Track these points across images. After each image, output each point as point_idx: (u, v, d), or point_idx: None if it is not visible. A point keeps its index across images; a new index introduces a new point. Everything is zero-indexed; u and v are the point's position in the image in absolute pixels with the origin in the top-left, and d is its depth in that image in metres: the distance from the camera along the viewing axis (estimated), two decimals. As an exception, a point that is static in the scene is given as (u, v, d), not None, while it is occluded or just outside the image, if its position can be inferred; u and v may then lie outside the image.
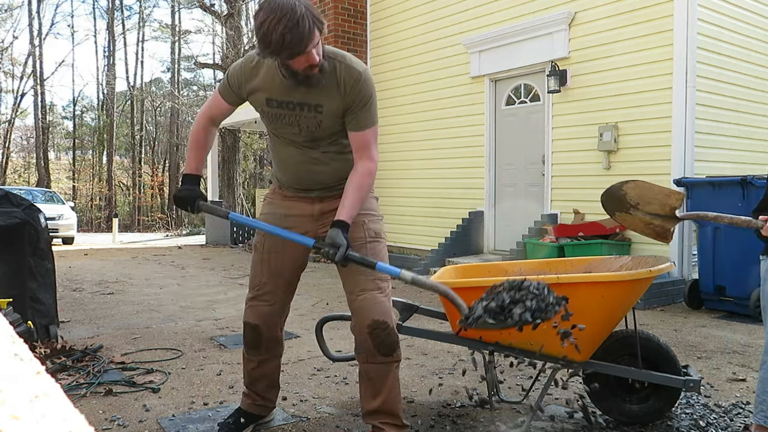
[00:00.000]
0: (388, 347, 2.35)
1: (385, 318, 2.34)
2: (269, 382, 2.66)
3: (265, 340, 2.56)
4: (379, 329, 2.33)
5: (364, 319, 2.34)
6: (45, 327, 4.07)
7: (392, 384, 2.41)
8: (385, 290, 2.38)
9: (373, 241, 2.41)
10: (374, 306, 2.33)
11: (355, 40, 9.94)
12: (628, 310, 2.63)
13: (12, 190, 8.26)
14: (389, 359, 2.38)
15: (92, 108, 35.33)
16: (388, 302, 2.39)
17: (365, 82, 2.25)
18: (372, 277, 2.35)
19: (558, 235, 6.57)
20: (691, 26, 6.17)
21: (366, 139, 2.30)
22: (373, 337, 2.34)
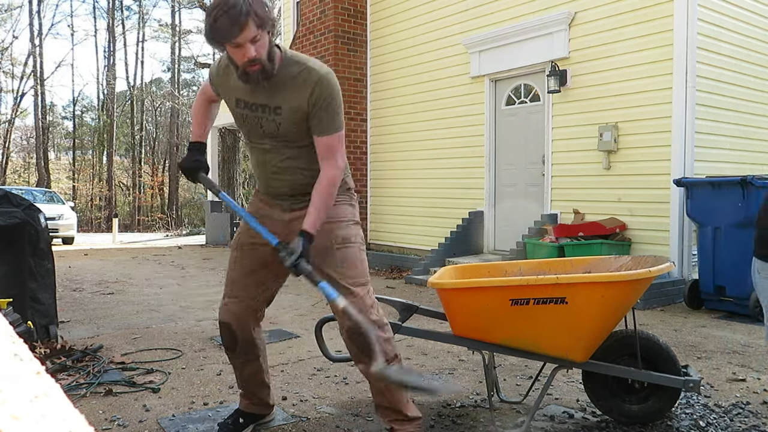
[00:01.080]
0: (368, 348, 2.32)
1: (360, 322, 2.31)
2: (257, 382, 2.66)
3: (239, 340, 2.54)
4: (356, 335, 2.33)
5: (342, 326, 2.38)
6: (45, 327, 4.07)
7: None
8: (356, 294, 2.36)
9: (341, 247, 2.40)
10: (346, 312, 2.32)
11: (355, 40, 9.94)
12: (628, 310, 2.63)
13: (12, 190, 8.26)
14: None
15: (92, 108, 35.35)
16: (362, 306, 2.35)
17: (327, 84, 2.25)
18: (342, 283, 2.35)
19: (558, 235, 6.57)
20: (691, 26, 6.17)
21: (330, 145, 2.28)
22: (353, 341, 2.36)
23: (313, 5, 10.11)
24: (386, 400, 2.46)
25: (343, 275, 2.37)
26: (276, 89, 2.26)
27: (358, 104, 9.92)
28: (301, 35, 10.49)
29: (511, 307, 2.53)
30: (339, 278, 2.36)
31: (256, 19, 2.06)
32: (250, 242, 2.49)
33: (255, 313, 2.57)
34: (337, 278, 2.35)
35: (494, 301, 2.56)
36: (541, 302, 2.49)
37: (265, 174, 2.45)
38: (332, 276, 2.36)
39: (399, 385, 2.19)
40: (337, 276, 2.36)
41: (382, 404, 2.48)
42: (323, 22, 9.90)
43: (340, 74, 9.79)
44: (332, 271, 2.38)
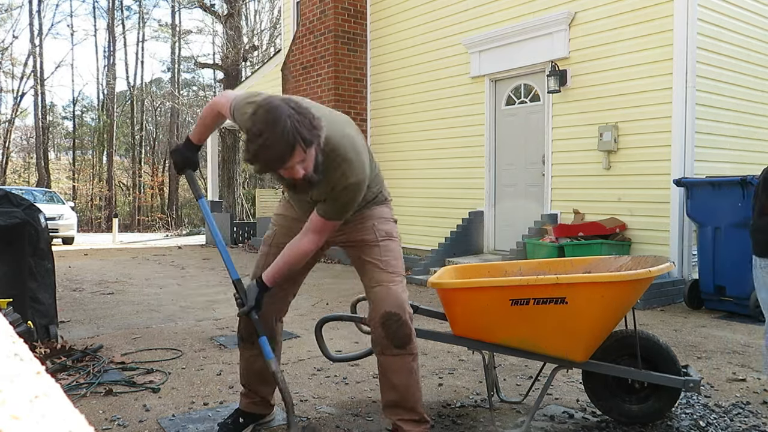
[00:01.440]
0: (401, 339, 2.37)
1: (398, 310, 2.36)
2: (262, 379, 2.66)
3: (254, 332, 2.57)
4: (391, 320, 2.35)
5: (378, 311, 2.37)
6: (45, 327, 4.07)
7: (409, 378, 2.41)
8: (398, 283, 2.43)
9: (384, 239, 2.48)
10: (387, 297, 2.37)
11: (355, 40, 9.94)
12: (628, 310, 2.63)
13: (12, 190, 8.26)
14: (403, 352, 2.39)
15: (92, 108, 35.34)
16: (403, 294, 2.42)
17: (350, 190, 2.22)
18: (386, 270, 2.41)
19: (558, 235, 6.57)
20: (691, 26, 6.17)
21: (321, 227, 2.31)
22: (385, 328, 2.35)
23: (313, 5, 10.11)
24: (401, 397, 2.41)
25: (387, 264, 2.43)
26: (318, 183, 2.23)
27: (358, 104, 9.92)
28: (301, 35, 10.49)
29: (511, 307, 2.53)
30: (383, 266, 2.42)
31: (303, 143, 1.99)
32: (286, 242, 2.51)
33: (281, 307, 2.62)
34: (380, 266, 2.42)
35: (494, 301, 2.56)
36: (541, 302, 2.49)
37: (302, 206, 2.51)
38: (376, 264, 2.42)
39: None
40: (381, 264, 2.43)
41: (395, 401, 2.43)
42: (323, 22, 9.90)
43: (340, 74, 9.80)
44: (376, 259, 2.43)
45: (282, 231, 2.59)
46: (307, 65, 10.32)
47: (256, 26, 28.87)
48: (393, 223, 2.58)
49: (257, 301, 2.36)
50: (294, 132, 1.96)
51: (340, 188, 2.21)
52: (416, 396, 2.45)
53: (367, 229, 2.45)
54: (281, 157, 1.98)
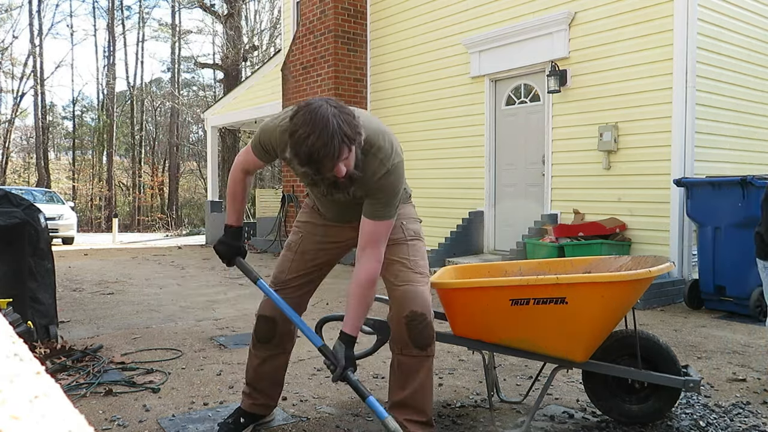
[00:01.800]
0: (423, 340, 2.37)
1: (424, 310, 2.36)
2: (274, 380, 2.66)
3: (278, 333, 2.58)
4: (416, 321, 2.34)
5: (403, 310, 2.36)
6: (45, 327, 4.07)
7: (424, 378, 2.41)
8: (425, 284, 2.44)
9: (412, 239, 2.49)
10: (415, 297, 2.36)
11: (355, 40, 9.94)
12: (628, 310, 2.63)
13: (12, 190, 8.26)
14: (423, 353, 2.39)
15: (92, 108, 35.33)
16: (428, 295, 2.42)
17: (391, 176, 2.21)
18: (413, 269, 2.42)
19: (558, 235, 6.57)
20: (691, 26, 6.17)
21: (376, 232, 2.24)
22: (410, 328, 2.35)
23: (313, 5, 10.11)
24: (413, 397, 2.40)
25: (415, 264, 2.44)
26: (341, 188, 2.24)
27: (358, 104, 9.92)
28: (301, 35, 10.49)
29: (511, 307, 2.53)
30: (410, 265, 2.42)
31: (347, 143, 1.99)
32: (314, 249, 2.55)
33: (300, 308, 2.62)
34: (408, 265, 2.42)
35: (494, 301, 2.56)
36: (541, 302, 2.49)
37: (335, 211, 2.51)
38: (404, 263, 2.42)
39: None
40: (410, 264, 2.43)
41: (405, 400, 2.42)
42: (323, 22, 9.90)
43: (340, 74, 9.80)
44: (404, 258, 2.43)
45: (308, 238, 2.59)
46: (307, 65, 10.32)
47: (256, 26, 28.88)
48: (419, 223, 2.59)
49: (348, 359, 2.26)
50: (339, 131, 1.96)
51: (380, 177, 2.19)
52: (428, 398, 2.45)
53: (396, 227, 2.43)
54: (332, 157, 1.96)
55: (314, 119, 1.95)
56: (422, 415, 2.42)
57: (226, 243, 2.52)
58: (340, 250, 2.61)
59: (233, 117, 13.93)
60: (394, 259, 2.43)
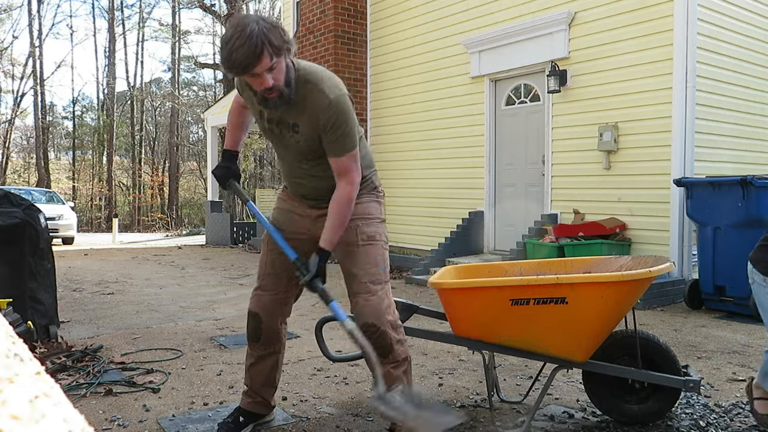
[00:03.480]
0: (381, 349, 2.37)
1: (374, 320, 2.36)
2: (266, 381, 2.67)
3: (264, 330, 2.59)
4: (369, 332, 2.35)
5: (358, 322, 2.38)
6: (45, 327, 4.07)
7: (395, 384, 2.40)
8: (375, 292, 2.41)
9: (365, 244, 2.46)
10: (363, 309, 2.39)
11: (355, 40, 9.94)
12: (628, 310, 2.63)
13: (12, 190, 8.26)
14: (386, 361, 2.39)
15: (92, 108, 35.34)
16: (380, 304, 2.39)
17: (335, 108, 2.24)
18: (363, 280, 2.41)
19: (558, 235, 6.57)
20: (691, 26, 6.17)
21: (343, 165, 2.31)
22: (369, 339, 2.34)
23: (313, 5, 10.11)
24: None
25: (365, 273, 2.42)
26: (292, 107, 2.28)
27: (358, 104, 9.92)
28: (301, 35, 10.49)
29: (512, 307, 2.53)
30: (361, 276, 2.41)
31: (271, 49, 2.04)
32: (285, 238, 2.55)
33: (283, 306, 2.62)
34: (359, 277, 2.41)
35: (494, 301, 2.56)
36: (541, 302, 2.49)
37: (290, 179, 2.55)
38: (354, 274, 2.42)
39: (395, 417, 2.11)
40: (360, 274, 2.41)
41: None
42: (323, 22, 9.90)
43: (340, 74, 9.79)
44: (354, 269, 2.43)
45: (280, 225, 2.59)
46: (307, 65, 10.31)
47: (256, 26, 28.82)
48: (379, 223, 2.54)
49: (320, 268, 2.31)
50: (261, 36, 2.01)
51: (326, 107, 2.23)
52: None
53: (350, 229, 2.42)
54: (249, 57, 2.01)
55: (238, 23, 2.04)
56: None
57: (222, 166, 2.59)
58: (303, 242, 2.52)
59: (233, 117, 13.90)
60: (347, 269, 2.46)
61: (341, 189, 2.32)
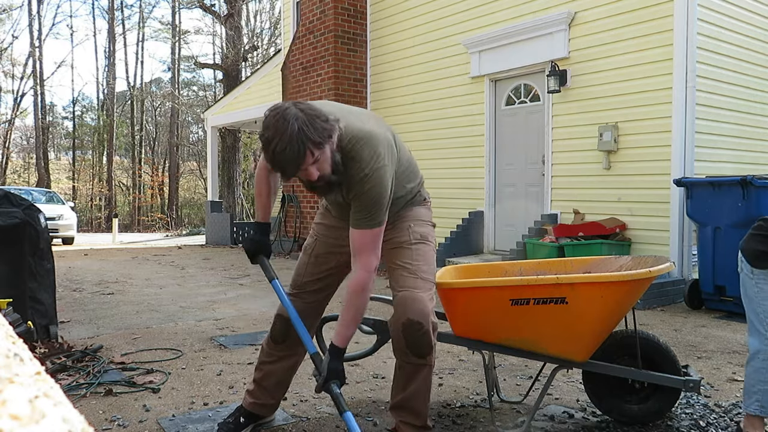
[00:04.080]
0: (420, 348, 2.31)
1: (421, 318, 2.29)
2: (281, 380, 2.66)
3: (292, 334, 2.56)
4: (412, 329, 2.29)
5: (401, 316, 2.32)
6: (45, 327, 4.07)
7: (420, 383, 2.39)
8: (425, 290, 2.36)
9: (418, 242, 2.43)
10: (411, 304, 2.31)
11: (355, 40, 9.94)
12: (628, 310, 2.63)
13: (12, 190, 8.26)
14: (422, 362, 2.35)
15: (92, 108, 35.33)
16: (429, 302, 2.35)
17: (369, 182, 2.16)
18: (414, 274, 2.36)
19: (558, 235, 6.57)
20: (691, 26, 6.17)
21: (361, 242, 2.21)
22: (406, 336, 2.31)
23: (313, 5, 10.11)
24: (409, 401, 2.40)
25: (417, 269, 2.37)
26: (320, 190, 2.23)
27: (358, 104, 9.91)
28: (301, 35, 10.49)
29: (512, 307, 2.53)
30: (412, 270, 2.36)
31: (312, 146, 1.98)
32: (327, 251, 2.55)
33: (317, 314, 2.63)
34: (410, 270, 2.36)
35: (494, 301, 2.56)
36: (541, 302, 2.49)
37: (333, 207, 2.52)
38: (405, 267, 2.37)
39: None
40: (411, 268, 2.37)
41: (403, 403, 2.42)
42: (323, 22, 9.90)
43: (340, 74, 9.80)
44: (406, 263, 2.38)
45: (322, 240, 2.59)
46: (307, 65, 10.32)
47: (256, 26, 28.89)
48: (430, 226, 2.53)
49: (330, 371, 2.25)
50: (301, 136, 1.95)
51: (358, 182, 2.17)
52: (424, 403, 2.43)
53: (402, 229, 2.42)
54: (294, 161, 1.98)
55: (277, 123, 1.97)
56: (418, 420, 2.42)
57: (252, 239, 2.54)
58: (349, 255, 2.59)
59: (233, 117, 13.93)
60: (396, 263, 2.40)
61: (356, 276, 2.23)
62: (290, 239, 10.83)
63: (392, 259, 2.42)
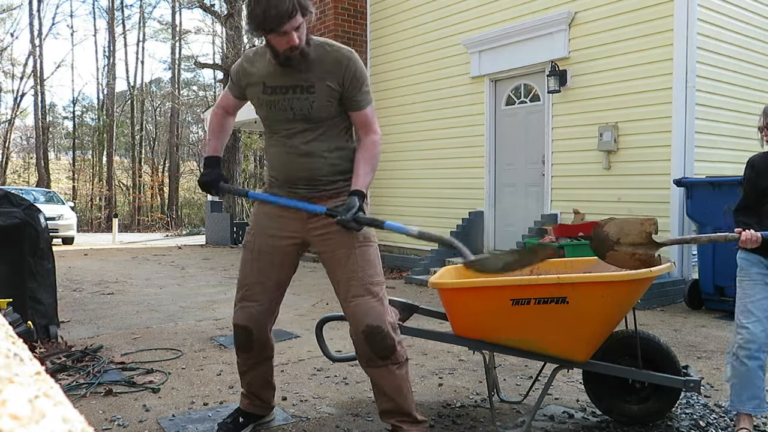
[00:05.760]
0: (384, 350, 2.37)
1: (379, 323, 2.34)
2: (263, 383, 2.66)
3: (256, 342, 2.55)
4: (373, 334, 2.34)
5: (359, 325, 2.36)
6: (45, 327, 4.07)
7: (399, 385, 2.42)
8: (377, 294, 2.38)
9: (362, 245, 2.41)
10: (367, 311, 2.35)
11: (355, 40, 9.93)
12: (629, 310, 2.63)
13: (12, 190, 8.26)
14: (388, 362, 2.39)
15: (92, 108, 35.34)
16: (382, 306, 2.38)
17: (356, 62, 2.37)
18: (362, 283, 2.37)
19: (558, 235, 6.57)
20: (691, 26, 6.17)
21: (367, 117, 2.42)
22: (369, 342, 2.35)
23: (313, 5, 10.10)
24: (394, 404, 2.43)
25: (364, 275, 2.38)
26: (309, 69, 2.33)
27: (358, 104, 9.91)
28: (301, 35, 10.49)
29: (512, 307, 2.53)
30: (360, 278, 2.37)
31: (301, 9, 2.16)
32: (269, 244, 2.49)
33: (272, 315, 2.60)
34: (358, 278, 2.37)
35: (495, 301, 2.56)
36: (542, 302, 2.49)
37: (286, 161, 2.44)
38: (353, 277, 2.37)
39: None
40: (359, 276, 2.37)
41: (388, 408, 2.45)
42: (323, 22, 9.90)
43: (340, 74, 9.78)
44: (352, 272, 2.38)
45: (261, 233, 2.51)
46: (307, 65, 10.32)
47: (256, 26, 28.81)
48: None
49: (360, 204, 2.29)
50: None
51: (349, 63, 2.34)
52: (408, 401, 2.45)
53: (343, 233, 2.37)
54: (285, 14, 2.11)
55: None
56: (410, 417, 2.45)
57: (207, 174, 2.56)
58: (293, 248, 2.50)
59: (233, 117, 13.90)
60: (343, 276, 2.39)
61: (368, 139, 2.41)
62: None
63: (338, 272, 2.41)
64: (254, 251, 2.52)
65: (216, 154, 2.60)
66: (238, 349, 2.61)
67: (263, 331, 2.56)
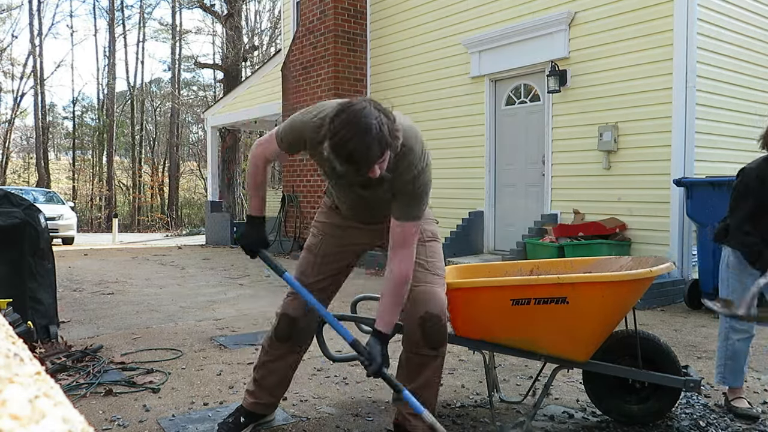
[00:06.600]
0: (436, 341, 2.39)
1: (439, 312, 2.38)
2: (282, 378, 2.66)
3: (296, 333, 2.58)
4: (431, 322, 2.36)
5: (419, 310, 2.37)
6: (45, 327, 4.07)
7: (431, 376, 2.43)
8: (441, 285, 2.45)
9: (429, 240, 2.50)
10: (430, 299, 2.38)
11: (355, 40, 9.94)
12: (629, 310, 2.63)
13: (12, 190, 8.26)
14: (436, 353, 2.42)
15: (92, 108, 35.33)
16: (444, 297, 2.43)
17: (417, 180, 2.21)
18: (429, 270, 2.43)
19: (558, 235, 6.57)
20: (691, 26, 6.17)
21: (406, 233, 2.23)
22: (423, 329, 2.37)
23: (313, 5, 10.11)
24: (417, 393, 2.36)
25: (432, 265, 2.45)
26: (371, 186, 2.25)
27: (358, 104, 9.91)
28: (301, 35, 10.49)
29: (512, 307, 2.53)
30: (427, 266, 2.44)
31: (387, 147, 2.01)
32: (336, 252, 2.56)
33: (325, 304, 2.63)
34: (425, 266, 2.43)
35: (495, 301, 2.56)
36: (542, 302, 2.49)
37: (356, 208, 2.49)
38: (420, 264, 2.42)
39: None
40: (427, 265, 2.44)
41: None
42: (323, 22, 9.90)
43: (340, 74, 9.80)
44: (421, 259, 2.43)
45: (328, 240, 2.58)
46: (307, 65, 10.32)
47: (256, 26, 28.89)
48: (435, 224, 2.62)
49: (384, 357, 2.25)
50: (381, 136, 1.96)
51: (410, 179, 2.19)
52: (433, 395, 2.47)
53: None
54: (371, 161, 1.97)
55: (357, 122, 1.94)
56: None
57: (248, 235, 2.47)
58: (359, 252, 2.64)
59: (233, 117, 13.93)
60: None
61: (399, 267, 2.24)
62: (290, 239, 10.83)
63: None
64: (318, 255, 2.58)
65: (260, 213, 2.50)
66: (275, 339, 2.60)
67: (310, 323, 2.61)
